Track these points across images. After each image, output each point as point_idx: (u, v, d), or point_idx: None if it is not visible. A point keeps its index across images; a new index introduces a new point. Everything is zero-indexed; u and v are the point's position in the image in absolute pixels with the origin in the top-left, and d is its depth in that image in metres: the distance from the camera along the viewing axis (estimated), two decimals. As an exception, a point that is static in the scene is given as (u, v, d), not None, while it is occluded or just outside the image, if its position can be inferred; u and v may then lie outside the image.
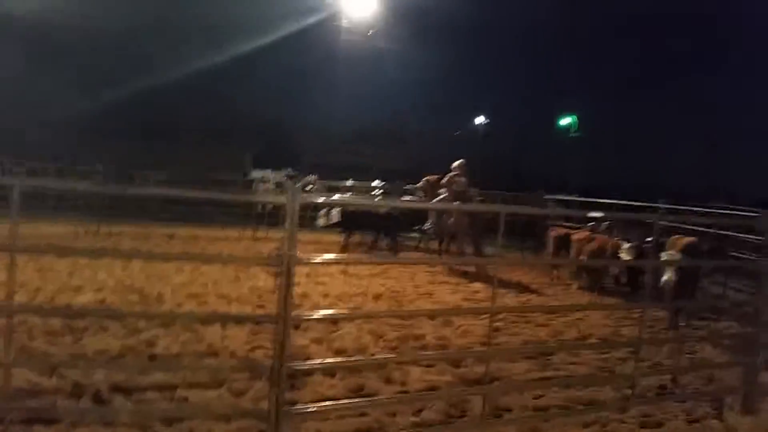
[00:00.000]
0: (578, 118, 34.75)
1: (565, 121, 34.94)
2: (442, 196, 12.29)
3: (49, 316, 6.35)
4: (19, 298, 6.77)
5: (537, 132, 37.80)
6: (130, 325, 6.26)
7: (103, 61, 29.54)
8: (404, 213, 13.68)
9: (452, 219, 12.11)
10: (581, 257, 10.39)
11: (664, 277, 7.45)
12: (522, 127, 37.96)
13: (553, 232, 11.89)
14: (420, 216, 13.87)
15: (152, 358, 5.58)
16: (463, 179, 12.29)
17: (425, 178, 13.56)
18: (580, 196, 17.83)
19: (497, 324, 7.27)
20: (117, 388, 4.78)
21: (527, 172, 30.26)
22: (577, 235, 10.95)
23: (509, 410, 5.02)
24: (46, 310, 6.69)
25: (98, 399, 4.62)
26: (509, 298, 9.46)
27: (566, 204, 17.00)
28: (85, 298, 7.57)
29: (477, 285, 10.25)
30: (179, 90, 31.96)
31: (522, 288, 10.47)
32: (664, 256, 7.66)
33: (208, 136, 30.89)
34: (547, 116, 37.45)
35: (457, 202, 11.64)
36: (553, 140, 36.10)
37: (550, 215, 14.78)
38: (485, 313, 6.67)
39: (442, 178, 12.71)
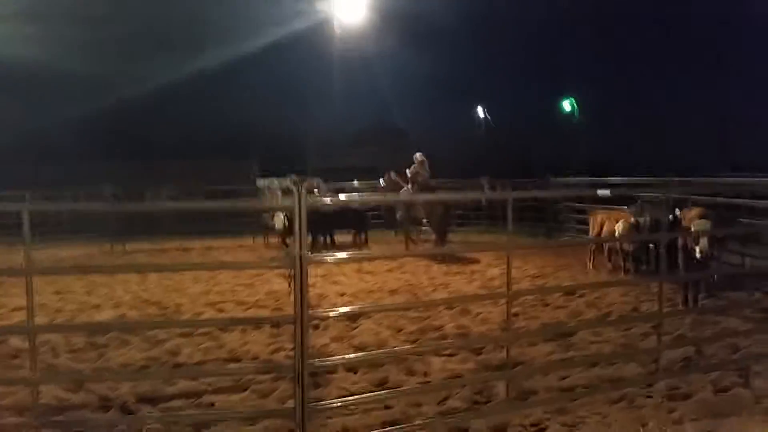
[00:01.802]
0: (576, 101, 34.47)
1: (566, 105, 34.72)
2: (406, 188, 12.92)
3: (70, 332, 6.43)
4: (40, 319, 6.86)
5: (539, 118, 37.57)
6: (151, 337, 6.32)
7: (94, 83, 29.60)
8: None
9: (421, 209, 12.74)
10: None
11: (699, 247, 7.35)
12: (523, 114, 37.72)
13: (594, 217, 11.46)
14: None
15: (176, 367, 5.63)
16: (425, 172, 13.00)
17: (387, 174, 13.83)
18: (588, 177, 17.74)
19: (515, 309, 7.26)
20: (144, 399, 4.83)
21: (533, 158, 30.10)
22: (599, 216, 10.77)
23: (535, 393, 5.01)
24: (65, 328, 6.77)
25: (126, 410, 4.67)
26: (525, 283, 9.42)
27: (575, 186, 16.91)
28: (105, 315, 7.65)
29: (492, 272, 10.23)
30: (175, 104, 32.07)
31: (537, 272, 10.42)
32: (695, 226, 7.56)
33: (209, 149, 30.97)
34: (548, 101, 37.24)
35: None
36: (555, 124, 35.92)
37: (559, 198, 14.73)
38: (502, 298, 6.64)
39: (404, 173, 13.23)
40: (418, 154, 13.18)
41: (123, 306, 8.13)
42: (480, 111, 40.34)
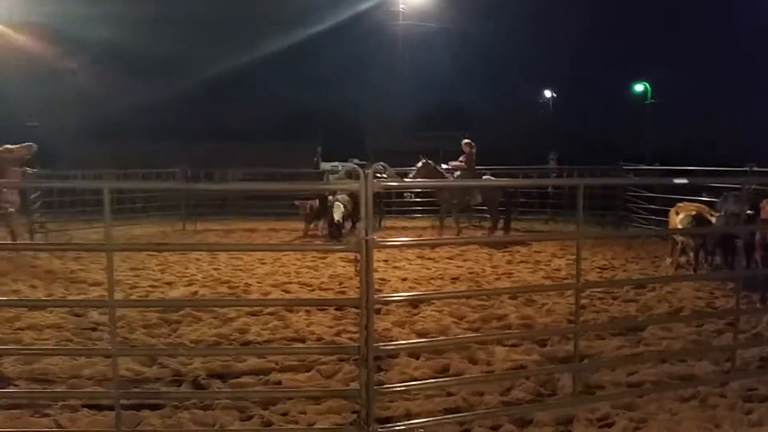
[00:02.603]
0: (650, 86, 33.10)
1: (638, 87, 33.39)
2: (459, 173, 13.05)
3: (146, 308, 6.73)
4: (117, 294, 7.21)
5: (609, 102, 36.20)
6: (221, 315, 6.54)
7: (166, 66, 30.59)
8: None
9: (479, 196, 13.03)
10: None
11: None
12: (592, 98, 36.45)
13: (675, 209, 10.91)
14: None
15: (245, 344, 5.82)
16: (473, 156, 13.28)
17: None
18: (660, 166, 17.08)
19: (583, 301, 7.08)
20: (214, 375, 5.01)
21: (602, 144, 29.14)
22: (676, 208, 10.29)
23: (601, 387, 4.89)
24: (142, 303, 7.10)
25: (197, 385, 4.86)
26: (592, 275, 9.17)
27: (647, 174, 16.28)
28: (177, 292, 7.97)
29: (558, 263, 10.02)
30: (242, 88, 32.79)
31: (605, 264, 10.12)
32: None
33: (275, 132, 31.54)
34: (620, 86, 35.86)
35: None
36: (626, 110, 34.60)
37: (630, 185, 14.26)
38: (569, 290, 6.51)
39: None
40: (466, 141, 13.24)
41: (195, 284, 8.45)
42: (547, 93, 39.37)
